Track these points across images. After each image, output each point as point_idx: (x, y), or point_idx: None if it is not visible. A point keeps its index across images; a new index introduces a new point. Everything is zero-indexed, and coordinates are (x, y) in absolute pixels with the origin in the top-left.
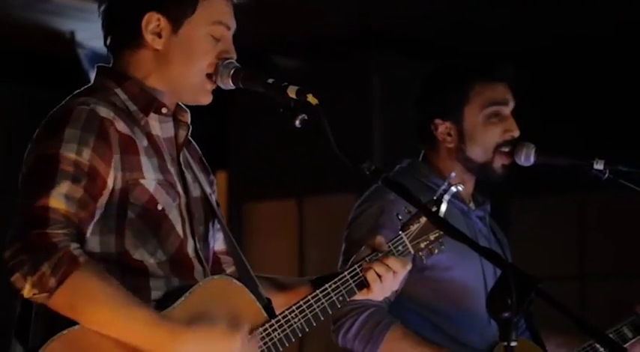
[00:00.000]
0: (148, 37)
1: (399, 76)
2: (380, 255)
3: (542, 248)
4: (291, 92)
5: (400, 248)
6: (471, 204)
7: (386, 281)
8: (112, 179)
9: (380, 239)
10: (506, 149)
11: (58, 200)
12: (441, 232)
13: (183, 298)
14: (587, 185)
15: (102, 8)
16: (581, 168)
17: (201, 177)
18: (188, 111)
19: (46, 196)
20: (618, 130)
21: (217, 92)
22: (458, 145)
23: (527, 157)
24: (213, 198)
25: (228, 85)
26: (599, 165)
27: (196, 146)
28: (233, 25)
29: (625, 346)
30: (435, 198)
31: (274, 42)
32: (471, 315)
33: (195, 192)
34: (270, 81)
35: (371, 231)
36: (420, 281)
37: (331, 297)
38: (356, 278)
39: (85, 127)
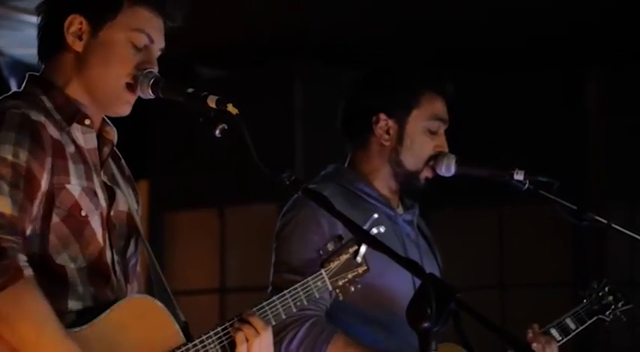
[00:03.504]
0: (69, 39)
1: (321, 85)
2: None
3: (462, 258)
4: (211, 102)
5: (319, 283)
6: (399, 209)
7: (252, 348)
8: (45, 181)
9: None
10: (433, 163)
11: (3, 203)
12: (359, 271)
13: (103, 315)
14: (507, 195)
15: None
16: (502, 179)
17: (128, 193)
18: (114, 129)
19: None
20: (539, 141)
21: (138, 101)
22: (393, 146)
23: (447, 167)
24: (138, 217)
25: (148, 94)
26: (519, 176)
27: (125, 165)
28: (159, 40)
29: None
30: (357, 237)
31: (197, 51)
32: (403, 322)
33: (121, 207)
34: (190, 90)
35: (300, 240)
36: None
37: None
38: (226, 337)
39: (19, 130)
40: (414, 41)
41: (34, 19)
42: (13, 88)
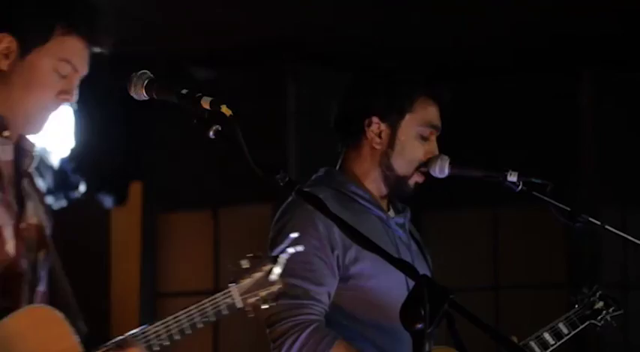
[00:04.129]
0: None
1: (314, 86)
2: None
3: (456, 259)
4: (205, 103)
5: (229, 300)
6: (391, 212)
7: None
8: None
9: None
10: (424, 169)
11: None
12: (272, 290)
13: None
14: (501, 197)
15: None
16: (495, 180)
17: (39, 207)
18: (34, 142)
19: None
20: (530, 144)
21: (132, 102)
22: (384, 150)
23: (441, 169)
24: (48, 233)
25: (141, 95)
26: (512, 177)
27: (39, 184)
28: (83, 69)
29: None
30: (273, 255)
31: (190, 53)
32: (397, 325)
33: (30, 220)
34: (184, 92)
35: (299, 253)
36: (344, 291)
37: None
38: None
39: None
40: (408, 43)
41: None
42: None
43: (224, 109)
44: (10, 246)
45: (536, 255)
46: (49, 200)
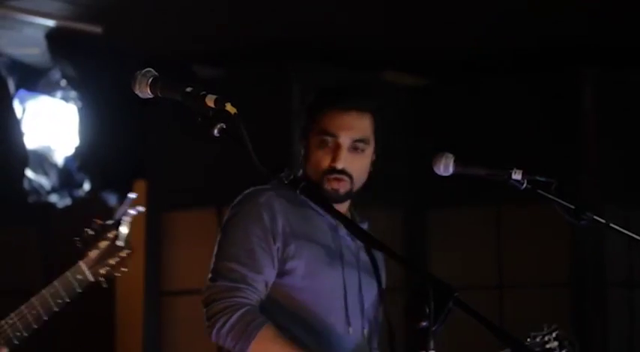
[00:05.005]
0: None
1: (319, 85)
2: None
3: (460, 258)
4: (210, 101)
5: (79, 276)
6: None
7: None
8: None
9: None
10: (331, 176)
11: None
12: (122, 255)
13: None
14: (505, 195)
15: None
16: (500, 178)
17: None
18: None
19: None
20: (533, 143)
21: (136, 101)
22: (302, 162)
23: (446, 167)
24: None
25: (146, 93)
26: (517, 175)
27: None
28: None
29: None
30: (113, 221)
31: (194, 51)
32: (327, 327)
33: None
34: (189, 90)
35: (242, 231)
36: (279, 287)
37: None
38: None
39: None
40: (412, 43)
41: (33, 19)
42: (11, 88)
43: (228, 107)
44: None
45: (540, 253)
46: (54, 198)
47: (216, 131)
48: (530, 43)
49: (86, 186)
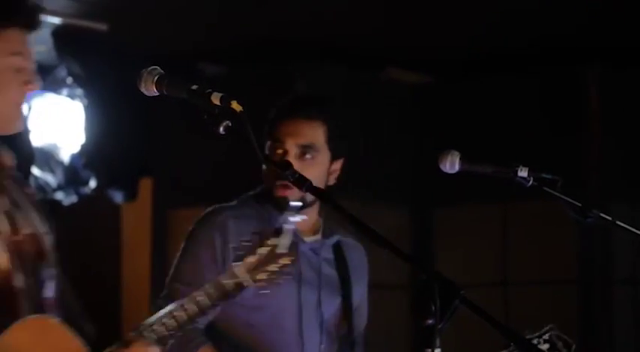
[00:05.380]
0: None
1: (324, 83)
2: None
3: (466, 255)
4: (215, 99)
5: (233, 280)
6: (316, 236)
7: None
8: None
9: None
10: (280, 183)
11: None
12: (281, 262)
13: None
14: (510, 192)
15: None
16: (506, 176)
17: (34, 216)
18: (10, 154)
19: None
20: (539, 140)
21: (142, 98)
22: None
23: (451, 165)
24: (48, 241)
25: (152, 91)
26: (523, 173)
27: (34, 190)
28: (31, 53)
29: None
30: (275, 228)
31: (200, 49)
32: (282, 345)
33: (25, 230)
34: (194, 87)
35: (192, 255)
36: (230, 306)
37: None
38: None
39: None
40: (414, 40)
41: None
42: None
43: (234, 105)
44: (4, 260)
45: (546, 250)
46: (59, 196)
47: (221, 129)
48: (535, 41)
49: (92, 184)
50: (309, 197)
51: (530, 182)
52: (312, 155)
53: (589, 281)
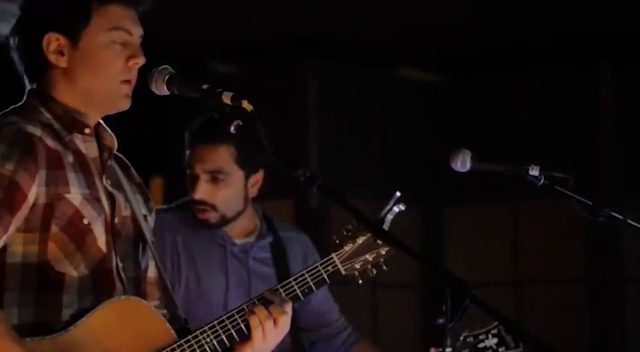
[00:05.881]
0: (52, 57)
1: (335, 83)
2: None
3: (477, 254)
4: (226, 98)
5: (330, 268)
6: (243, 239)
7: (267, 331)
8: (34, 194)
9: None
10: (196, 207)
11: None
12: (381, 252)
13: (83, 319)
14: (521, 191)
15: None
16: (517, 174)
17: (136, 199)
18: (113, 135)
19: None
20: (550, 139)
21: (153, 98)
22: None
23: (462, 163)
24: (149, 222)
25: (163, 90)
26: (534, 171)
27: (135, 173)
28: (137, 30)
29: None
30: (377, 218)
31: (211, 48)
32: None
33: (124, 212)
34: (205, 87)
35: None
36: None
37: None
38: (242, 319)
39: (11, 143)
40: (425, 39)
41: None
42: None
43: (245, 104)
44: (102, 243)
45: (557, 249)
46: None
47: (232, 128)
48: (547, 39)
49: None
50: (230, 214)
51: (542, 181)
52: (222, 178)
53: (600, 280)
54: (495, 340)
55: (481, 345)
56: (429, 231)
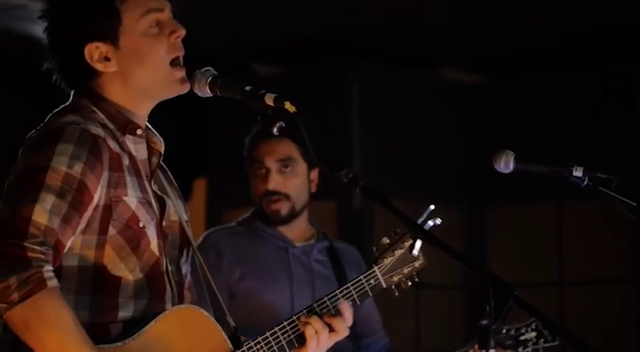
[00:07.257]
0: (99, 66)
1: (378, 83)
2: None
3: (521, 255)
4: (269, 100)
5: (372, 281)
6: (302, 242)
7: (322, 340)
8: (99, 195)
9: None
10: (268, 199)
11: (41, 214)
12: (416, 266)
13: (147, 327)
14: (565, 192)
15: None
16: (560, 175)
17: (178, 203)
18: (161, 139)
19: (30, 208)
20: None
21: (195, 100)
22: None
23: (506, 164)
24: (189, 227)
25: (205, 92)
26: (578, 172)
27: (172, 177)
28: (165, 5)
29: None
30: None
31: (253, 49)
32: None
33: (172, 217)
34: (248, 88)
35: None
36: (232, 309)
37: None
38: (293, 330)
39: (78, 143)
40: (469, 39)
41: None
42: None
43: (288, 106)
44: (155, 247)
45: (601, 250)
46: None
47: (275, 129)
48: (591, 38)
49: None
50: (298, 207)
51: (585, 181)
52: (292, 167)
53: None
54: (534, 334)
55: (522, 338)
56: (473, 232)
